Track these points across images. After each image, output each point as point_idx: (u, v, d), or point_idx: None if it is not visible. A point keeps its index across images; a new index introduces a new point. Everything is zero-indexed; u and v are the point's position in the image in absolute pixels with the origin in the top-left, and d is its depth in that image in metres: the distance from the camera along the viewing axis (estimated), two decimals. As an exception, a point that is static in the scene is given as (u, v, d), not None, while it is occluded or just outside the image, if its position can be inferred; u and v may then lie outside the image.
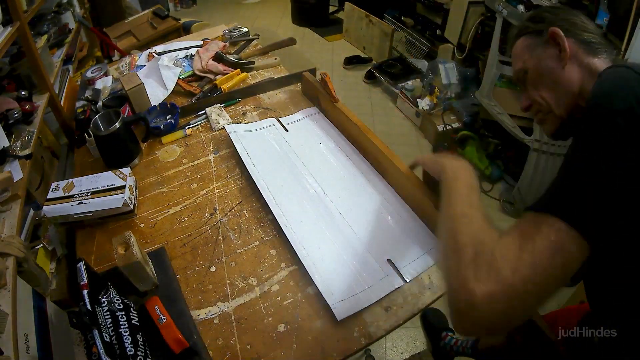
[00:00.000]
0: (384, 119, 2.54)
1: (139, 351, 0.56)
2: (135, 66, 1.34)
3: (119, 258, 0.62)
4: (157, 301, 0.65)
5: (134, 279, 0.66)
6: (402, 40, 3.05)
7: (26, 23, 1.34)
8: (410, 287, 0.70)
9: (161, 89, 1.21)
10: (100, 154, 0.94)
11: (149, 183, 0.91)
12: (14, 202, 0.98)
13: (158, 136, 1.03)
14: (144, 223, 0.83)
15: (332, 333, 0.64)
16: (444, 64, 2.33)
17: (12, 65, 1.45)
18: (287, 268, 0.74)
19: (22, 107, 1.25)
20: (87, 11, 2.38)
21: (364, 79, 2.87)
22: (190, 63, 1.33)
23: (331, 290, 0.68)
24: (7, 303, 0.72)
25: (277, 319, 0.66)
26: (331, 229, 0.79)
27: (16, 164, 1.07)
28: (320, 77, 1.05)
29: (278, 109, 1.13)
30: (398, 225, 0.79)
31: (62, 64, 1.75)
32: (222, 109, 1.10)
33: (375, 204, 0.84)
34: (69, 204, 0.78)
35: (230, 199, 0.87)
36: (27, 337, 0.69)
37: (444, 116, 2.25)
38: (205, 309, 0.68)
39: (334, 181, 0.89)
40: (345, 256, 0.74)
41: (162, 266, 0.73)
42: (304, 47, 3.36)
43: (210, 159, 0.97)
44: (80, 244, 0.79)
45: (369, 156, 0.93)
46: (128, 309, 0.62)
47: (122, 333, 0.56)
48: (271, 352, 0.62)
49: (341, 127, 1.02)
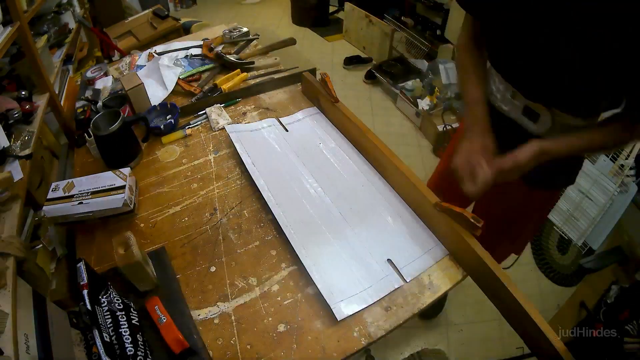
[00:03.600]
0: (384, 119, 2.54)
1: (139, 351, 0.56)
2: (135, 66, 1.34)
3: (119, 258, 0.62)
4: (157, 301, 0.65)
5: (134, 279, 0.66)
6: (402, 40, 3.05)
7: (26, 23, 1.34)
8: (410, 287, 0.70)
9: (161, 89, 1.20)
10: (100, 154, 0.94)
11: (149, 183, 0.91)
12: (14, 202, 0.98)
13: (158, 136, 1.03)
14: (144, 223, 0.83)
15: (332, 333, 0.64)
16: (444, 64, 2.33)
17: (12, 65, 1.45)
18: (287, 268, 0.74)
19: (22, 107, 1.25)
20: (87, 11, 2.38)
21: (364, 79, 2.87)
22: (190, 63, 1.33)
23: (331, 290, 0.68)
24: (7, 303, 0.72)
25: (277, 319, 0.66)
26: (331, 229, 0.79)
27: (16, 164, 1.07)
28: (320, 77, 1.05)
29: (278, 109, 1.13)
30: (398, 225, 0.79)
31: (62, 64, 1.75)
32: (222, 109, 1.10)
33: (375, 204, 0.84)
34: (69, 204, 0.78)
35: (230, 199, 0.87)
36: (27, 337, 0.69)
37: (444, 116, 2.25)
38: (205, 309, 0.68)
39: (334, 181, 0.89)
40: (345, 256, 0.74)
41: (162, 266, 0.73)
42: (304, 47, 3.36)
43: (210, 159, 0.97)
44: (80, 244, 0.79)
45: (369, 156, 0.93)
46: (128, 309, 0.62)
47: (122, 333, 0.57)
48: (271, 352, 0.62)
49: (341, 127, 1.02)
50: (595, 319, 1.15)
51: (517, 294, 0.62)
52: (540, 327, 0.59)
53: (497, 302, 0.68)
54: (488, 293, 0.69)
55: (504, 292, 0.64)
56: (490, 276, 0.66)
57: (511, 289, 0.63)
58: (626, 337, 0.88)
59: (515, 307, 0.63)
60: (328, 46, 3.39)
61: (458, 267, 0.73)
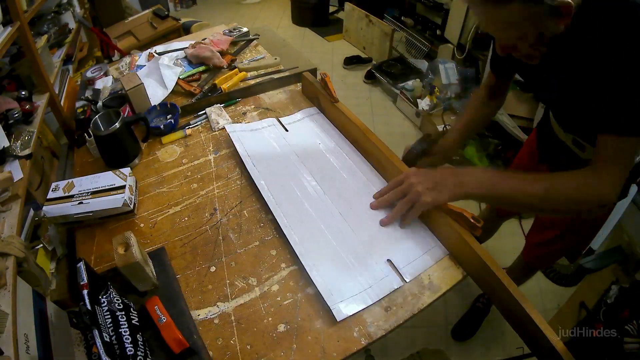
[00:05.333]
0: (384, 119, 2.54)
1: (138, 351, 0.56)
2: (135, 66, 1.34)
3: (119, 258, 0.62)
4: (157, 301, 0.65)
5: (134, 279, 0.66)
6: (402, 40, 3.05)
7: (26, 23, 1.34)
8: (410, 287, 0.70)
9: (161, 88, 1.20)
10: (100, 154, 0.94)
11: (149, 183, 0.91)
12: (14, 202, 0.98)
13: (158, 136, 1.03)
14: (144, 223, 0.83)
15: (332, 333, 0.64)
16: (444, 64, 2.33)
17: (12, 65, 1.45)
18: (287, 268, 0.74)
19: (22, 107, 1.25)
20: (87, 11, 2.39)
21: (364, 79, 2.88)
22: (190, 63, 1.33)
23: (331, 290, 0.68)
24: (7, 303, 0.72)
25: (277, 319, 0.66)
26: (331, 229, 0.79)
27: (16, 164, 1.07)
28: (320, 77, 1.05)
29: (278, 109, 1.13)
30: (398, 225, 0.79)
31: (62, 64, 1.75)
32: (222, 109, 1.10)
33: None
34: (69, 204, 0.78)
35: (230, 199, 0.87)
36: (27, 337, 0.69)
37: (444, 116, 2.25)
38: (205, 309, 0.68)
39: (334, 181, 0.89)
40: (345, 256, 0.74)
41: (162, 266, 0.73)
42: (304, 47, 3.36)
43: (210, 159, 0.97)
44: (80, 244, 0.79)
45: (369, 156, 0.93)
46: (128, 309, 0.62)
47: (122, 333, 0.57)
48: (271, 352, 0.62)
49: (341, 127, 1.02)
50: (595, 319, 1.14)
51: (517, 294, 0.62)
52: (540, 327, 0.59)
53: (497, 302, 0.68)
54: (488, 293, 0.70)
55: (504, 292, 0.64)
56: (490, 276, 0.66)
57: (511, 289, 0.63)
58: (626, 337, 0.88)
59: (515, 307, 0.63)
60: (328, 46, 3.39)
61: (458, 267, 0.73)
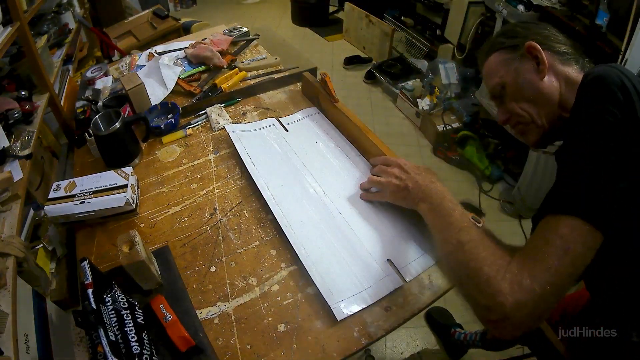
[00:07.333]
0: (384, 119, 2.54)
1: (144, 350, 0.56)
2: (135, 66, 1.34)
3: (124, 257, 0.62)
4: (163, 300, 0.64)
5: (138, 278, 0.66)
6: (402, 40, 3.06)
7: (26, 23, 1.34)
8: (410, 287, 0.70)
9: (161, 88, 1.20)
10: (101, 154, 0.94)
11: (149, 183, 0.91)
12: (14, 202, 0.98)
13: (158, 136, 1.03)
14: (144, 223, 0.83)
15: (332, 333, 0.64)
16: (444, 64, 2.33)
17: (12, 65, 1.45)
18: (287, 268, 0.74)
19: (22, 107, 1.25)
20: (87, 11, 2.39)
21: (364, 79, 2.88)
22: (190, 63, 1.33)
23: (331, 290, 0.68)
24: (7, 303, 0.72)
25: (277, 319, 0.66)
26: (331, 229, 0.79)
27: (16, 164, 1.07)
28: (320, 77, 1.05)
29: (278, 109, 1.13)
30: (398, 225, 0.79)
31: (62, 64, 1.75)
32: (222, 109, 1.10)
33: (375, 204, 0.84)
34: (71, 204, 0.78)
35: (230, 199, 0.87)
36: (27, 337, 0.69)
37: (444, 116, 2.26)
38: (205, 309, 0.68)
39: (334, 181, 0.89)
40: (345, 256, 0.74)
41: (166, 265, 0.73)
42: (304, 47, 3.36)
43: (210, 159, 0.97)
44: (81, 244, 0.79)
45: (369, 156, 0.93)
46: (133, 307, 0.62)
47: (128, 332, 0.56)
48: (271, 352, 0.62)
49: (341, 127, 1.02)
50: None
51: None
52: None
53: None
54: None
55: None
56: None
57: (511, 289, 0.63)
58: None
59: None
60: (328, 46, 3.39)
61: (458, 267, 0.73)
